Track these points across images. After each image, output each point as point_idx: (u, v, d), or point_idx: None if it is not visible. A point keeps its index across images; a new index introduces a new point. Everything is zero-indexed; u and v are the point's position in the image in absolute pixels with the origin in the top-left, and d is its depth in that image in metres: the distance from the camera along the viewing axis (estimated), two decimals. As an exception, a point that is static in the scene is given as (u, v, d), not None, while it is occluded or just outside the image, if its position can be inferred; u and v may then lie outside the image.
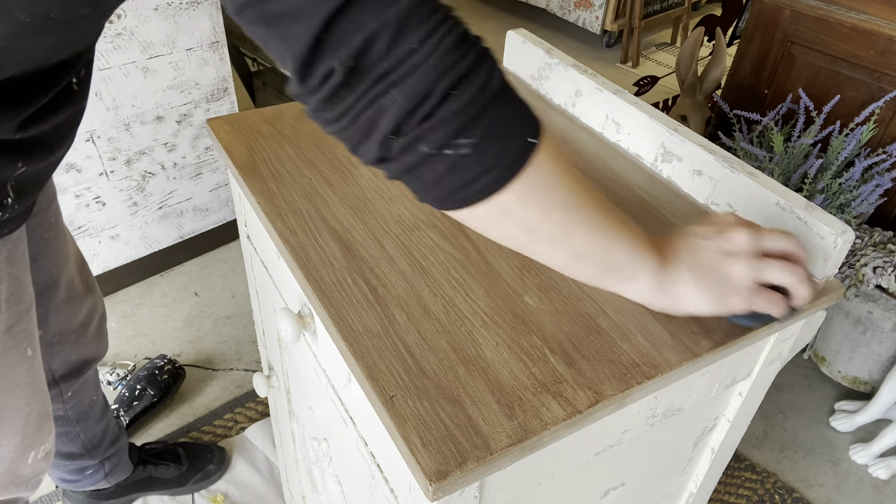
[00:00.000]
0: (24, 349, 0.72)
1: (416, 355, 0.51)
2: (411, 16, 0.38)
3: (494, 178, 0.42)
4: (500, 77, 0.41)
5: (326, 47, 0.38)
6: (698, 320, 0.56)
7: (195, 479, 1.36)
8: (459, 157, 0.41)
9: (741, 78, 1.83)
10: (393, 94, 0.39)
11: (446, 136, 0.40)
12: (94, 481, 1.20)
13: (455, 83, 0.39)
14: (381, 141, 0.40)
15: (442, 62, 0.38)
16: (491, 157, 0.41)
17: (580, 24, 3.32)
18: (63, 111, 0.62)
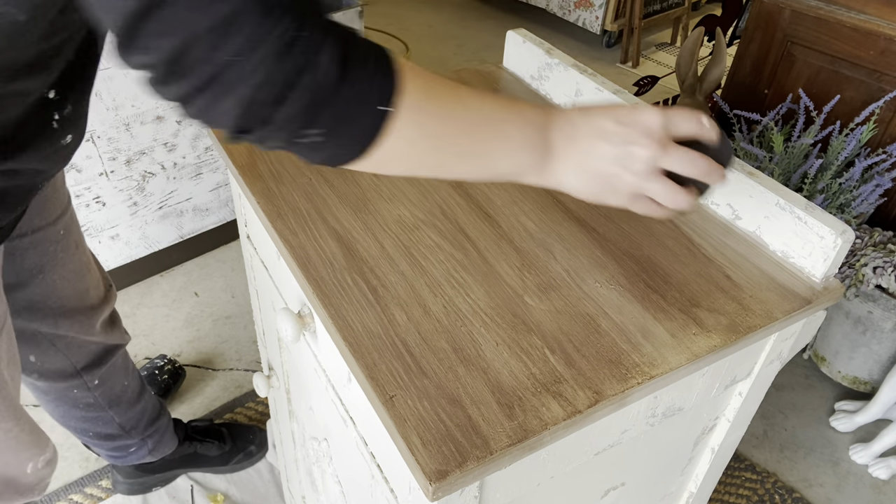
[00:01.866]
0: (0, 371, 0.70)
1: (416, 355, 0.51)
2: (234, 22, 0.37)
3: (356, 150, 0.45)
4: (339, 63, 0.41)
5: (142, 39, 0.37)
6: (698, 320, 0.56)
7: (237, 458, 1.38)
8: (314, 143, 0.43)
9: (741, 78, 1.83)
10: (224, 103, 0.39)
11: (291, 134, 0.42)
12: (139, 457, 1.23)
13: (284, 90, 0.39)
14: (234, 135, 0.42)
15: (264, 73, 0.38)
16: (344, 137, 0.43)
17: (580, 24, 3.32)
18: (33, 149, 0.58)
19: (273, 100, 0.39)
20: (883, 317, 1.46)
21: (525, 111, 0.52)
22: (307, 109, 0.41)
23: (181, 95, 0.40)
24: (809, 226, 0.60)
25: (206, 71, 0.38)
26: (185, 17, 0.36)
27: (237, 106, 0.39)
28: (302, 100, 0.40)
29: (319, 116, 0.41)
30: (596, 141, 0.52)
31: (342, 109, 0.42)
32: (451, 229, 0.64)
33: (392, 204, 0.67)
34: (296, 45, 0.39)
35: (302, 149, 0.44)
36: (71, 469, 1.39)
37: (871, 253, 1.45)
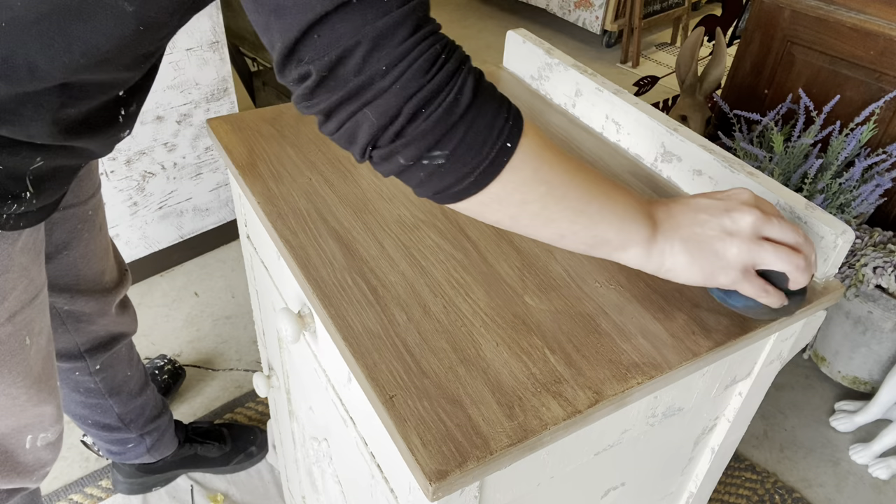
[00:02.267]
0: (23, 338, 0.72)
1: (416, 355, 0.51)
2: (387, 36, 0.40)
3: (472, 183, 0.45)
4: (472, 89, 0.44)
5: (305, 51, 0.41)
6: (698, 320, 0.56)
7: (237, 459, 1.39)
8: (435, 167, 0.45)
9: (741, 78, 1.84)
10: (366, 111, 0.42)
11: (419, 151, 0.44)
12: (137, 454, 1.23)
13: (422, 104, 0.42)
14: (362, 151, 0.45)
15: (409, 86, 0.41)
16: (465, 165, 0.45)
17: (580, 24, 3.32)
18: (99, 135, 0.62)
19: (411, 113, 0.42)
20: (883, 317, 1.46)
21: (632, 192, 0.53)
22: (439, 126, 0.43)
23: (327, 107, 0.43)
24: (809, 226, 0.60)
25: (357, 82, 0.41)
26: (345, 31, 0.40)
27: (376, 116, 0.42)
28: (436, 116, 0.42)
29: (448, 137, 0.43)
30: (696, 213, 0.52)
31: (470, 135, 0.44)
32: (451, 229, 0.64)
33: (392, 204, 0.67)
34: (439, 63, 0.42)
35: (421, 172, 0.45)
36: (71, 469, 1.39)
37: (871, 253, 1.45)
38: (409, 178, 0.46)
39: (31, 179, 0.59)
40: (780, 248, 0.51)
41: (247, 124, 0.78)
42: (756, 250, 0.51)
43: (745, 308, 0.54)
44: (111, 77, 0.58)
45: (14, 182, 0.58)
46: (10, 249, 0.64)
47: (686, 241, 0.52)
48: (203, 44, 1.59)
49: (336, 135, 0.45)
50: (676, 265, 0.52)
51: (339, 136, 0.45)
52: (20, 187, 0.59)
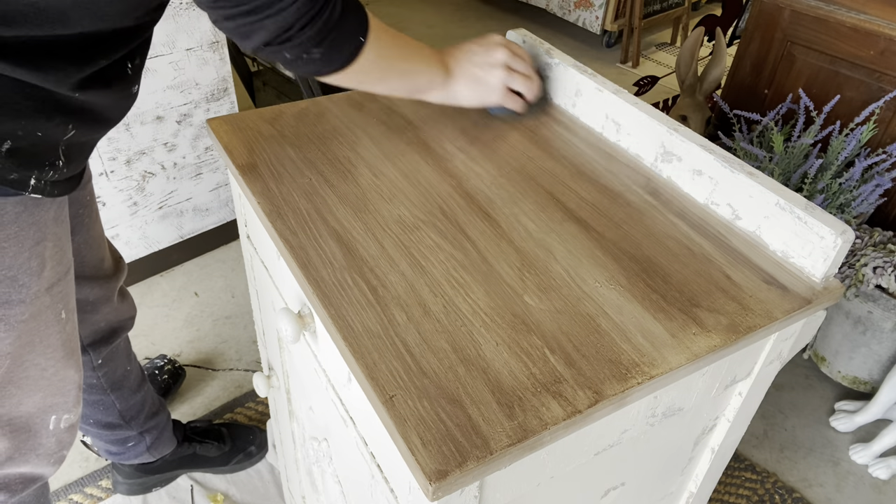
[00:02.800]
0: (59, 311, 0.76)
1: (416, 355, 0.51)
2: None
3: (336, 67, 0.66)
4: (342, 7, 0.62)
5: None
6: (698, 320, 0.56)
7: (237, 459, 1.39)
8: (311, 59, 0.64)
9: (741, 78, 1.83)
10: (265, 22, 0.59)
11: (302, 50, 0.62)
12: (137, 453, 1.23)
13: (310, 20, 0.60)
14: (255, 48, 0.61)
15: (303, 7, 0.59)
16: (335, 56, 0.65)
17: (580, 24, 3.32)
18: (114, 89, 0.68)
19: (301, 26, 0.60)
20: (883, 317, 1.46)
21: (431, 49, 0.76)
22: (318, 34, 0.62)
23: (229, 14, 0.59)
24: (809, 226, 0.60)
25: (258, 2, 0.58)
26: None
27: (274, 27, 0.59)
28: (316, 27, 0.61)
29: (324, 40, 0.63)
30: (470, 56, 0.78)
31: (338, 36, 0.64)
32: (451, 229, 0.64)
33: (392, 204, 0.67)
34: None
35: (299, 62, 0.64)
36: (71, 469, 1.39)
37: (871, 253, 1.45)
38: (290, 65, 0.64)
39: (62, 149, 0.66)
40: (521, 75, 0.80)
41: (247, 124, 0.78)
42: (508, 78, 0.79)
43: (503, 114, 0.84)
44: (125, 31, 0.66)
45: (51, 150, 0.64)
46: (46, 218, 0.69)
47: (467, 78, 0.78)
48: (203, 44, 1.59)
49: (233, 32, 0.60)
50: (462, 94, 0.79)
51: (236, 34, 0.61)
52: (55, 155, 0.65)
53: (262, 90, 2.31)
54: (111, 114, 0.71)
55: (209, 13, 0.60)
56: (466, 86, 0.78)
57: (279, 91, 2.23)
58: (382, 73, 0.71)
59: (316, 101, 0.84)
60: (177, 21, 1.52)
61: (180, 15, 1.52)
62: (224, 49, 1.64)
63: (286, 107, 0.82)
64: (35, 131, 0.61)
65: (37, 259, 0.69)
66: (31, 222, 0.67)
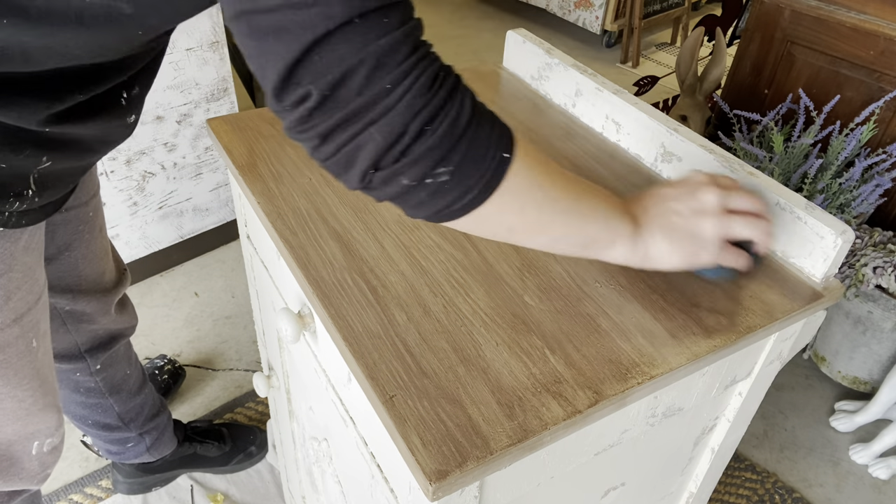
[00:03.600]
0: (30, 340, 0.72)
1: (416, 355, 0.51)
2: (389, 55, 0.40)
3: (474, 197, 0.46)
4: (471, 105, 0.44)
5: (305, 72, 0.40)
6: (698, 320, 0.56)
7: (237, 459, 1.39)
8: (439, 184, 0.44)
9: (741, 78, 1.83)
10: (370, 131, 0.41)
11: (425, 169, 0.43)
12: (137, 453, 1.23)
13: (428, 121, 0.42)
14: (362, 174, 0.43)
15: (415, 103, 0.41)
16: (469, 179, 0.45)
17: (580, 24, 3.32)
18: (101, 120, 0.62)
19: (417, 130, 0.42)
20: (883, 317, 1.46)
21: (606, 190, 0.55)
22: (444, 142, 0.43)
23: (325, 129, 0.42)
24: (809, 226, 0.60)
25: (360, 101, 0.40)
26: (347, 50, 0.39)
27: (382, 135, 0.41)
28: (441, 132, 0.42)
29: (452, 153, 0.43)
30: (666, 203, 0.56)
31: (472, 149, 0.44)
32: (451, 229, 0.64)
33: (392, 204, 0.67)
34: (439, 81, 0.42)
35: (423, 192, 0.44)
36: (71, 469, 1.39)
37: (871, 253, 1.45)
38: (409, 199, 0.45)
39: (35, 178, 0.59)
40: (746, 217, 0.56)
41: (247, 124, 0.78)
42: (727, 223, 0.55)
43: (719, 277, 0.60)
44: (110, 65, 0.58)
45: (18, 180, 0.58)
46: (13, 248, 0.64)
47: (664, 229, 0.55)
48: (203, 44, 1.59)
49: (332, 159, 0.43)
50: (660, 253, 0.55)
51: (336, 161, 0.43)
52: (23, 185, 0.59)
53: (262, 90, 2.31)
54: (100, 144, 0.65)
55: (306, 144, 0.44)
56: (666, 241, 0.55)
57: (279, 91, 2.22)
58: (541, 212, 0.49)
59: (316, 101, 0.84)
60: (177, 21, 1.52)
61: (180, 15, 1.52)
62: (224, 49, 1.64)
63: (286, 107, 0.82)
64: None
65: (1, 291, 0.65)
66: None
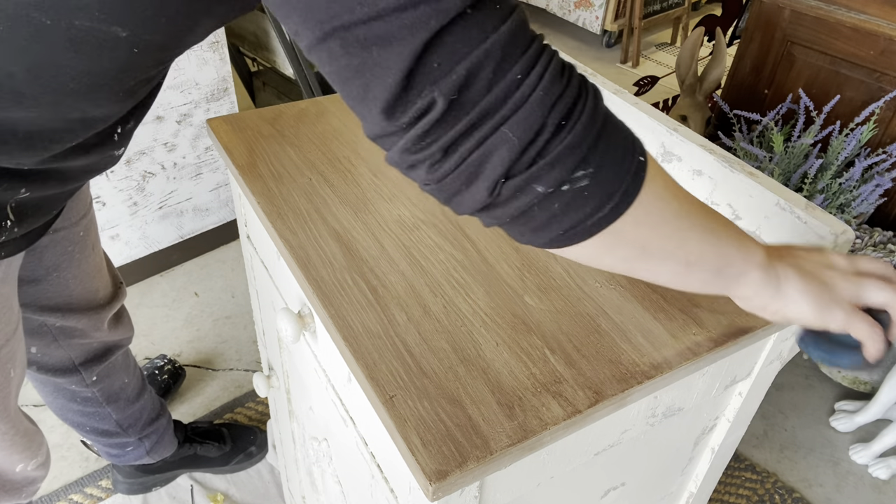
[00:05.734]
0: (8, 371, 0.70)
1: (416, 355, 0.51)
2: (512, 43, 0.34)
3: (614, 205, 0.39)
4: (602, 100, 0.38)
5: (423, 79, 0.34)
6: (698, 320, 0.56)
7: (237, 459, 1.39)
8: (576, 191, 0.37)
9: (741, 78, 1.83)
10: (503, 131, 0.35)
11: (564, 172, 0.36)
12: (137, 456, 1.23)
13: (566, 113, 0.36)
14: (491, 186, 0.36)
15: (550, 91, 0.35)
16: (610, 184, 0.38)
17: (580, 24, 3.32)
18: (92, 155, 0.60)
19: (556, 123, 0.35)
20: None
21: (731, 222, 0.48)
22: (585, 139, 0.36)
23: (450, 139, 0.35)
24: (809, 226, 0.60)
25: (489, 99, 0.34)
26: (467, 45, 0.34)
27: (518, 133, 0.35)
28: (581, 126, 0.36)
29: (593, 152, 0.37)
30: (792, 251, 0.50)
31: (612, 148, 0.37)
32: (451, 229, 0.64)
33: (392, 204, 0.67)
34: (567, 68, 0.37)
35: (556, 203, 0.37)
36: (71, 469, 1.39)
37: (871, 253, 1.45)
38: (537, 215, 0.38)
39: (12, 208, 0.56)
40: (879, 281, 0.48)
41: (247, 124, 0.78)
42: (861, 283, 0.48)
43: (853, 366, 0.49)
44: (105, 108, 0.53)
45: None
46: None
47: (798, 270, 0.48)
48: (203, 44, 1.59)
49: (453, 175, 0.36)
50: (794, 294, 0.47)
51: (457, 176, 0.36)
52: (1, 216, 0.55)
53: (262, 90, 2.31)
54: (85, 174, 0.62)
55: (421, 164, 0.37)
56: (800, 281, 0.47)
57: (279, 91, 2.23)
58: (678, 229, 0.42)
59: (316, 101, 0.84)
60: (177, 21, 1.52)
61: (180, 15, 1.52)
62: (224, 49, 1.64)
63: (286, 107, 0.82)
64: None
65: None
66: None
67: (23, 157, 0.52)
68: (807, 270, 0.48)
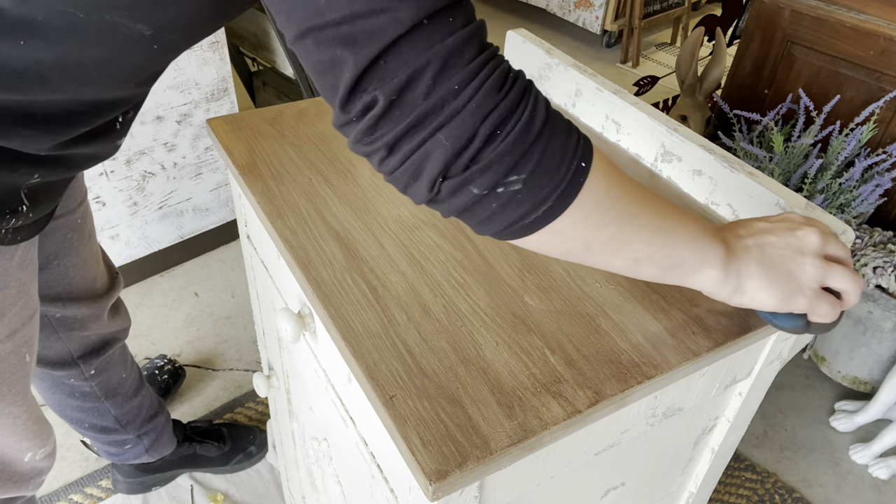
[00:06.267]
0: (23, 355, 0.72)
1: (416, 355, 0.51)
2: (456, 55, 0.38)
3: (549, 208, 0.42)
4: (545, 109, 0.41)
5: (372, 78, 0.38)
6: (698, 320, 0.56)
7: (237, 459, 1.39)
8: (511, 194, 0.41)
9: (741, 78, 1.83)
10: (438, 136, 0.39)
11: (496, 177, 0.40)
12: (136, 454, 1.23)
13: (499, 124, 0.39)
14: (430, 184, 0.40)
15: (483, 104, 0.38)
16: (543, 189, 0.41)
17: (580, 24, 3.32)
18: (97, 144, 0.63)
19: (487, 133, 0.39)
20: (883, 317, 1.46)
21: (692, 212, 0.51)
22: (516, 148, 0.40)
23: (393, 138, 0.39)
24: (809, 226, 0.60)
25: (427, 104, 0.38)
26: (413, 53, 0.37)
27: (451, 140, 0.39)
28: (513, 137, 0.39)
29: (525, 159, 0.40)
30: (762, 235, 0.51)
31: (547, 156, 0.41)
32: (451, 229, 0.64)
33: (392, 204, 0.67)
34: (509, 82, 0.40)
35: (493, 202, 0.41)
36: (71, 469, 1.39)
37: (871, 253, 1.45)
38: (478, 212, 0.42)
39: (26, 193, 0.59)
40: (846, 267, 0.51)
41: (247, 124, 0.78)
42: (827, 269, 0.50)
43: (792, 328, 0.52)
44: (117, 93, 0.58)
45: (10, 197, 0.58)
46: (8, 265, 0.64)
47: (760, 263, 0.50)
48: (203, 44, 1.59)
49: (399, 170, 0.41)
50: (754, 287, 0.50)
51: (403, 172, 0.41)
52: (16, 202, 0.59)
53: (262, 90, 2.31)
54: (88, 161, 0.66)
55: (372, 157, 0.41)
56: (763, 275, 0.50)
57: (279, 91, 2.23)
58: (621, 229, 0.45)
59: (316, 101, 0.84)
60: (177, 21, 1.52)
61: (180, 15, 1.52)
62: (224, 49, 1.64)
63: (286, 107, 0.82)
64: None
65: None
66: None
67: (42, 142, 0.56)
68: (772, 261, 0.50)
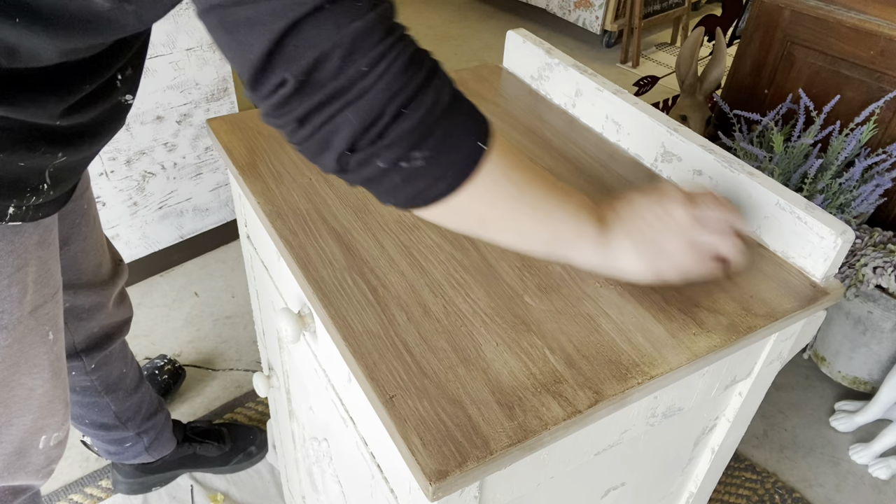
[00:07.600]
0: (46, 332, 0.74)
1: (416, 355, 0.51)
2: (363, 38, 0.40)
3: (448, 184, 0.46)
4: (450, 91, 0.45)
5: (279, 59, 0.40)
6: (698, 320, 0.56)
7: (237, 459, 1.39)
8: (414, 169, 0.44)
9: (741, 78, 1.83)
10: (346, 113, 0.42)
11: (400, 152, 0.43)
12: (135, 453, 1.23)
13: (405, 103, 0.42)
14: (338, 156, 0.44)
15: (392, 85, 0.41)
16: (443, 166, 0.45)
17: (580, 24, 3.32)
18: (102, 104, 0.64)
19: (394, 112, 0.42)
20: (883, 317, 1.46)
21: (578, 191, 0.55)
22: (421, 126, 0.43)
23: (302, 113, 0.42)
24: (809, 226, 0.60)
25: (336, 84, 0.41)
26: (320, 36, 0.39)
27: (358, 117, 0.41)
28: (418, 115, 0.42)
29: (428, 137, 0.43)
30: (634, 209, 0.55)
31: (448, 136, 0.44)
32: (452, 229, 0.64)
33: (392, 204, 0.67)
34: (416, 64, 0.43)
35: (397, 176, 0.44)
36: (71, 469, 1.39)
37: (871, 253, 1.45)
38: (383, 183, 0.45)
39: (50, 172, 0.61)
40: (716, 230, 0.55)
41: (247, 124, 0.78)
42: (694, 236, 0.54)
43: None
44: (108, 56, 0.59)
45: (34, 176, 0.60)
46: (28, 243, 0.66)
47: (631, 237, 0.54)
48: (203, 44, 1.59)
49: (309, 142, 0.44)
50: (627, 262, 0.54)
51: (312, 143, 0.44)
52: (38, 180, 0.61)
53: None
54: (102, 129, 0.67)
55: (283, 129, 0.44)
56: (633, 250, 0.54)
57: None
58: (512, 206, 0.49)
59: (316, 101, 0.84)
60: (177, 21, 1.52)
61: (180, 15, 1.52)
62: (224, 49, 1.64)
63: (286, 107, 0.82)
64: (16, 162, 0.57)
65: (17, 286, 0.66)
66: (10, 250, 0.64)
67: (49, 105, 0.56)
68: (646, 238, 0.54)
